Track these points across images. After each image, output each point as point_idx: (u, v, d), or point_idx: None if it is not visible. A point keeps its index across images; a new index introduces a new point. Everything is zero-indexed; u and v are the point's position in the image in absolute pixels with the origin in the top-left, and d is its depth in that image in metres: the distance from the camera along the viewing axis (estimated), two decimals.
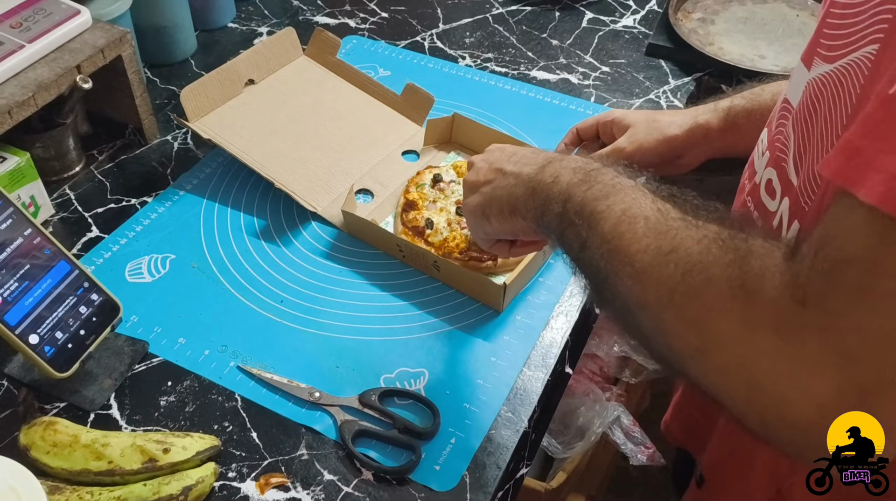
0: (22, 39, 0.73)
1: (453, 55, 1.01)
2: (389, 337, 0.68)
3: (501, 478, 0.59)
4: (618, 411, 1.08)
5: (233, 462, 0.59)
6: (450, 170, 0.79)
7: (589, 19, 1.08)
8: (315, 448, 0.60)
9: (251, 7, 1.09)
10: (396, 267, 0.74)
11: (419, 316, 0.69)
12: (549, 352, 0.67)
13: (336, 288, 0.72)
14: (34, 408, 0.62)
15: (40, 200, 0.76)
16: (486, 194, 0.56)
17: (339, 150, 0.83)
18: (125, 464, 0.55)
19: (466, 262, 0.71)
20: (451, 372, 0.65)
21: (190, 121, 0.80)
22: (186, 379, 0.64)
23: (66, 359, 0.59)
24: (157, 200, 0.80)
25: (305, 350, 0.66)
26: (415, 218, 0.75)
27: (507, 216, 0.54)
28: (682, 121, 0.71)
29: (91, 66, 0.75)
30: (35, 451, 0.56)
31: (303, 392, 0.63)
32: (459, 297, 0.71)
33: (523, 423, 0.62)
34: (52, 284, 0.60)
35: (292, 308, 0.70)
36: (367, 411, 0.62)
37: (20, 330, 0.57)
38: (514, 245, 0.61)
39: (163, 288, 0.71)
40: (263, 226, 0.78)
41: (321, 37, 0.90)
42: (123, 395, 0.63)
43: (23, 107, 0.70)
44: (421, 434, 0.60)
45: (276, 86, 0.87)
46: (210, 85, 0.81)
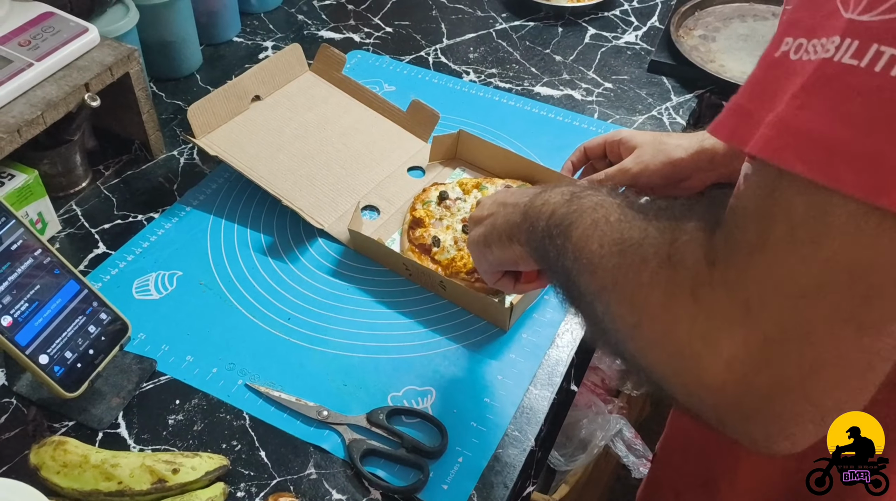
0: (31, 57, 0.74)
1: (457, 70, 1.02)
2: (396, 355, 0.68)
3: (509, 497, 0.59)
4: (620, 424, 1.08)
5: (241, 481, 0.59)
6: (455, 187, 0.80)
7: (591, 35, 1.08)
8: (323, 467, 0.60)
9: (256, 22, 1.10)
10: (403, 284, 0.74)
11: (426, 334, 0.70)
12: (556, 371, 0.67)
13: (343, 305, 0.72)
14: (43, 427, 0.62)
15: (48, 217, 0.76)
16: (488, 225, 0.58)
17: (344, 167, 0.83)
18: (135, 485, 0.55)
19: (473, 283, 0.71)
20: (459, 390, 0.65)
21: (197, 138, 0.80)
22: (194, 397, 0.65)
23: (76, 379, 0.59)
24: (163, 216, 0.80)
25: (313, 368, 0.67)
26: (421, 235, 0.75)
27: (506, 243, 0.55)
28: (688, 144, 0.72)
29: (99, 84, 0.76)
30: (45, 471, 0.56)
31: (311, 410, 0.63)
32: (465, 315, 0.71)
33: (530, 442, 0.62)
34: (62, 304, 0.60)
35: (299, 325, 0.70)
36: (374, 430, 0.62)
37: (30, 350, 0.57)
38: (518, 281, 0.62)
39: (170, 305, 0.71)
40: (270, 242, 0.78)
41: (326, 53, 0.91)
42: (132, 414, 0.63)
43: (32, 126, 0.71)
44: (429, 454, 0.60)
45: (283, 102, 0.88)
46: (216, 101, 0.82)
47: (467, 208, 0.77)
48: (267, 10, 1.12)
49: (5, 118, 0.70)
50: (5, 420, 0.62)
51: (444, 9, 1.14)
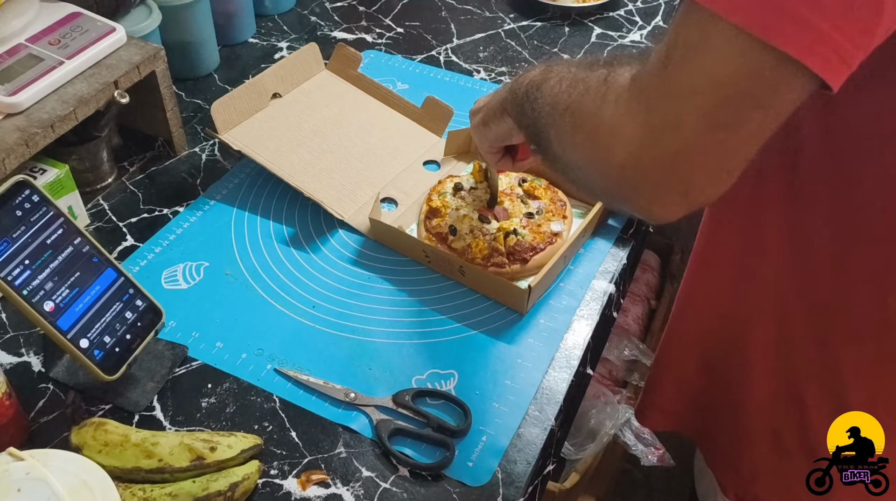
0: (61, 56, 0.76)
1: (468, 69, 1.04)
2: (419, 340, 0.70)
3: (531, 474, 0.61)
4: (628, 413, 1.11)
5: (274, 459, 0.61)
6: (470, 178, 0.82)
7: (597, 34, 1.11)
8: (352, 446, 0.63)
9: (270, 23, 1.13)
10: (422, 273, 0.77)
11: (446, 320, 0.72)
12: (573, 354, 0.70)
13: (365, 293, 0.74)
14: (81, 410, 0.64)
15: (77, 210, 0.79)
16: (484, 108, 0.66)
17: (362, 161, 0.86)
18: (174, 462, 0.58)
19: (487, 268, 0.74)
20: (480, 373, 0.68)
21: (219, 134, 0.83)
22: (225, 381, 0.67)
23: (114, 363, 0.62)
24: (188, 210, 0.82)
25: (339, 353, 0.69)
26: (438, 224, 0.78)
27: (499, 117, 0.63)
28: None
29: (127, 82, 0.78)
30: (87, 450, 0.58)
31: (338, 393, 0.66)
32: (483, 302, 0.74)
33: (550, 421, 0.65)
34: (101, 291, 0.62)
35: (324, 313, 0.72)
36: (401, 410, 0.64)
37: (71, 334, 0.60)
38: (515, 159, 0.71)
39: (198, 294, 0.74)
40: (292, 233, 0.80)
41: (343, 52, 0.93)
42: (166, 397, 0.66)
43: (64, 122, 0.73)
44: (454, 432, 0.63)
45: (301, 99, 0.91)
46: (238, 98, 0.85)
47: (483, 198, 0.80)
48: (281, 12, 1.15)
49: (39, 114, 0.72)
50: (43, 405, 0.65)
51: (454, 10, 1.17)
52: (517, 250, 0.74)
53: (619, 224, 0.82)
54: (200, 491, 0.56)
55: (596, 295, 0.75)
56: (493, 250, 0.75)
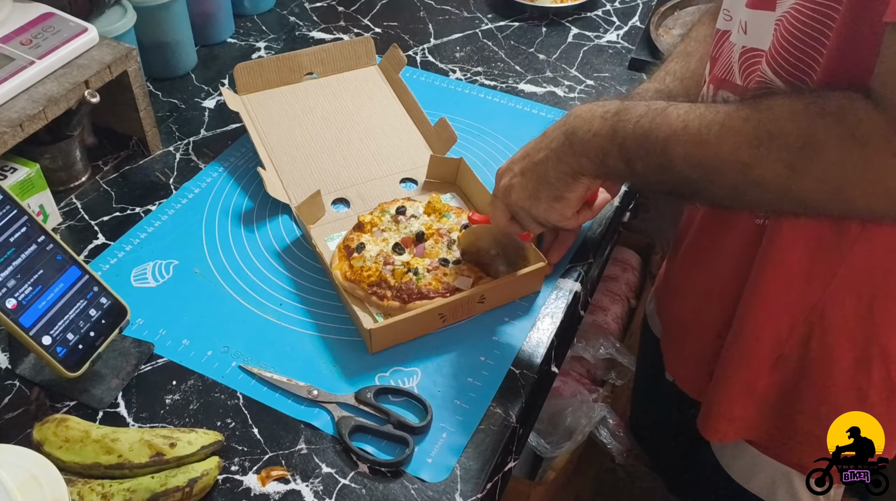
0: (32, 56, 0.77)
1: (444, 69, 1.05)
2: None
3: (491, 471, 0.62)
4: (604, 411, 1.11)
5: (235, 456, 0.62)
6: (420, 206, 0.79)
7: (574, 35, 1.12)
8: (313, 442, 0.63)
9: (249, 23, 1.13)
10: None
11: None
12: (536, 352, 0.71)
13: (332, 291, 0.75)
14: (46, 407, 0.65)
15: (49, 209, 0.79)
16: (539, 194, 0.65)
17: (345, 157, 0.87)
18: (134, 458, 0.58)
19: (368, 296, 0.72)
20: (443, 371, 0.69)
21: (239, 93, 0.86)
22: (190, 378, 0.68)
23: (77, 360, 0.62)
24: (160, 208, 0.83)
25: (304, 350, 0.70)
26: (353, 238, 0.76)
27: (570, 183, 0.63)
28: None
29: (98, 82, 0.79)
30: (48, 446, 0.59)
31: (301, 390, 0.66)
32: None
33: (511, 419, 0.65)
34: (64, 288, 0.63)
35: (291, 310, 0.73)
36: (362, 407, 0.65)
37: (34, 331, 0.60)
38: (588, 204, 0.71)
39: (167, 292, 0.74)
40: (263, 233, 0.81)
41: (394, 53, 0.95)
42: (130, 394, 0.66)
43: (33, 121, 0.74)
44: (414, 430, 0.63)
45: (334, 84, 0.94)
46: (267, 67, 0.89)
47: (414, 228, 0.77)
48: (260, 12, 1.15)
49: (8, 113, 0.73)
50: (8, 401, 0.65)
51: (432, 10, 1.17)
52: (403, 289, 0.72)
53: (588, 223, 0.82)
54: (159, 487, 0.57)
55: (562, 294, 0.76)
56: (381, 280, 0.72)
